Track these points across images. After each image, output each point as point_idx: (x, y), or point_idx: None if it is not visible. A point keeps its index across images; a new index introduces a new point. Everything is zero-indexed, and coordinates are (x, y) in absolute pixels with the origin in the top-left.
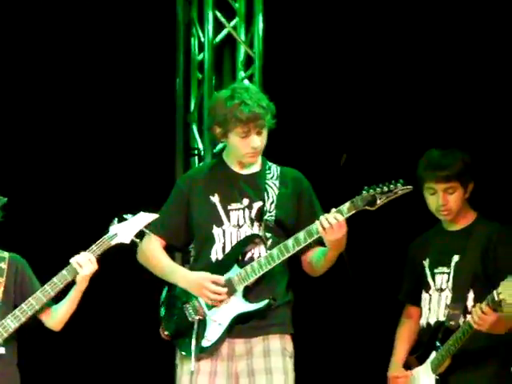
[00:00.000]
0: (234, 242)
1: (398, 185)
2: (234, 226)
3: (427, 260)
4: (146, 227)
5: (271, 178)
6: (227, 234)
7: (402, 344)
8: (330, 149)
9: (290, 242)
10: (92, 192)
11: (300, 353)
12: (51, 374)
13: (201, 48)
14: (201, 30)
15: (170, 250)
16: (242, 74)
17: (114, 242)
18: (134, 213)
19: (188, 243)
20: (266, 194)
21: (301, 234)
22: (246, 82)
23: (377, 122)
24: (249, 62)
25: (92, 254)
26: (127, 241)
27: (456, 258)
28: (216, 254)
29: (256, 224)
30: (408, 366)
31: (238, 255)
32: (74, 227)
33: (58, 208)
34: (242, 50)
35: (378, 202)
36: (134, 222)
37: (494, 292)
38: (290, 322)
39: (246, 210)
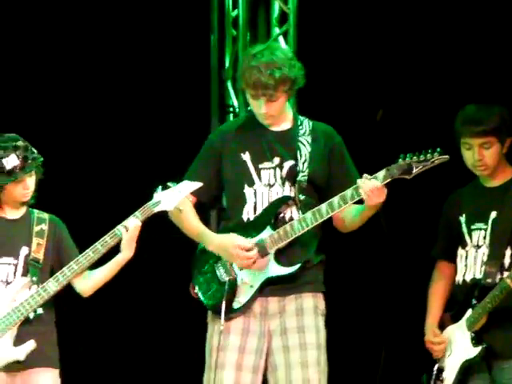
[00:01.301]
0: (265, 202)
1: (435, 154)
2: (265, 185)
3: (464, 216)
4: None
5: (303, 134)
6: (258, 193)
7: (437, 302)
8: (366, 104)
9: (323, 206)
10: (132, 153)
11: (333, 310)
12: (86, 335)
13: (235, 4)
14: None
15: (200, 207)
16: (276, 30)
17: (157, 210)
18: (177, 181)
19: (218, 200)
20: (298, 153)
21: (335, 200)
22: (282, 40)
23: (415, 78)
24: (283, 18)
25: (136, 219)
26: (170, 208)
27: (493, 214)
28: (248, 213)
29: (287, 183)
30: (442, 324)
31: (270, 216)
32: (115, 192)
33: (101, 171)
34: (277, 5)
35: (414, 170)
36: (178, 189)
37: None
38: (321, 281)
39: (277, 169)
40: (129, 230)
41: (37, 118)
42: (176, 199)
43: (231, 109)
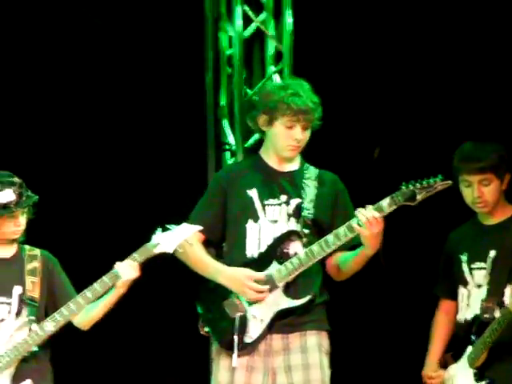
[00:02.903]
0: (269, 238)
1: (438, 180)
2: (270, 221)
3: (465, 254)
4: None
5: (309, 178)
6: (263, 229)
7: (438, 340)
8: (363, 143)
9: (330, 237)
10: (129, 192)
11: (336, 349)
12: (86, 368)
13: (230, 43)
14: (229, 24)
15: (206, 245)
16: (272, 68)
17: (157, 251)
18: (177, 224)
19: (224, 238)
20: (303, 192)
21: (341, 229)
22: (277, 78)
23: (410, 117)
24: (278, 56)
25: (134, 261)
26: (170, 250)
27: (493, 253)
28: (252, 249)
29: (293, 220)
30: (444, 364)
31: (276, 251)
32: (111, 233)
33: (101, 212)
34: (271, 44)
35: (418, 197)
36: (177, 232)
37: None
38: (326, 319)
39: (283, 206)
40: (125, 271)
41: (30, 154)
42: (175, 242)
43: (227, 146)
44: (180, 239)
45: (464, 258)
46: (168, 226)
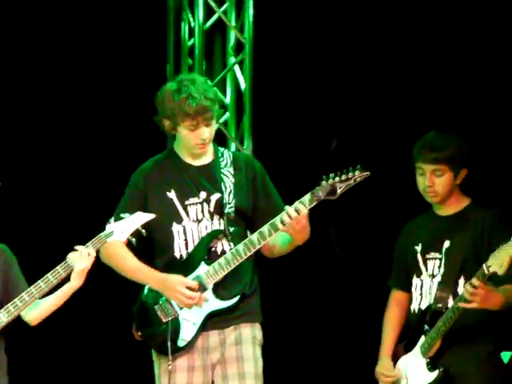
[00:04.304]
0: (196, 237)
1: (356, 172)
2: (193, 221)
3: (419, 245)
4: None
5: (225, 165)
6: (188, 229)
7: (391, 331)
8: (321, 134)
9: (254, 236)
10: (88, 187)
11: (289, 340)
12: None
13: (191, 33)
14: (191, 15)
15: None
16: (232, 59)
17: (110, 240)
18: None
19: (145, 240)
20: (223, 185)
21: (265, 228)
22: (237, 69)
23: (368, 107)
24: (239, 47)
25: (87, 251)
26: (123, 239)
27: (447, 243)
28: (180, 250)
29: (216, 217)
30: (396, 355)
31: (203, 252)
32: (68, 224)
33: (54, 203)
34: (233, 35)
35: (339, 190)
36: (131, 220)
37: (484, 265)
38: (259, 311)
39: (205, 204)
40: (78, 261)
41: None
42: (129, 230)
43: None
44: (133, 227)
45: (418, 248)
46: (121, 215)
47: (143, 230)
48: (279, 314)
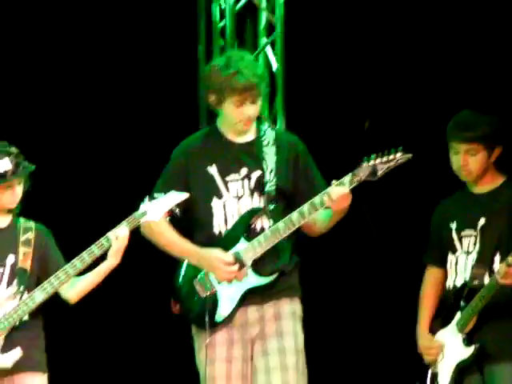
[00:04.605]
0: (235, 214)
1: (398, 154)
2: (233, 197)
3: (454, 222)
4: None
5: (267, 144)
6: (227, 205)
7: (428, 307)
8: (354, 114)
9: (294, 215)
10: (120, 162)
11: (321, 314)
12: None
13: (222, 15)
14: None
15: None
16: (263, 40)
17: (143, 220)
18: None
19: (186, 214)
20: (264, 163)
21: (305, 207)
22: (269, 50)
23: (402, 86)
24: (270, 28)
25: (122, 229)
26: (157, 219)
27: (482, 220)
28: (219, 226)
29: (256, 194)
30: (432, 330)
31: (243, 229)
32: (103, 205)
33: (88, 181)
34: (264, 15)
35: (379, 172)
36: (165, 200)
37: None
38: (298, 286)
39: (245, 180)
40: (118, 238)
41: (23, 126)
42: (162, 210)
43: None
44: (167, 207)
45: (453, 225)
46: (155, 195)
47: (177, 210)
48: (318, 288)
